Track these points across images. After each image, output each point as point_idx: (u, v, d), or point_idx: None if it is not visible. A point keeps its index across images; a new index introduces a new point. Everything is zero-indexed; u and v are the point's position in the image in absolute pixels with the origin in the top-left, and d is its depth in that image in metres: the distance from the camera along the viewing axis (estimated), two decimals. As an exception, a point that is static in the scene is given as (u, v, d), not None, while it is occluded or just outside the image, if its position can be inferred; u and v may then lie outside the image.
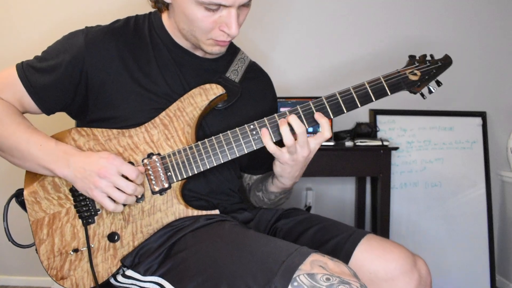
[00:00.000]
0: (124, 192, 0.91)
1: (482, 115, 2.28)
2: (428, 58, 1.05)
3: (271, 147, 0.96)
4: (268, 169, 1.17)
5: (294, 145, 0.95)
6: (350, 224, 2.30)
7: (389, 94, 0.99)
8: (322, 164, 1.95)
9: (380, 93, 0.99)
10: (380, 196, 2.02)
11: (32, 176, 1.00)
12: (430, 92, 1.05)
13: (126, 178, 0.91)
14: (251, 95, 1.15)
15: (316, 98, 1.00)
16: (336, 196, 2.33)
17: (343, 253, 0.97)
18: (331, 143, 1.97)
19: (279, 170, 1.02)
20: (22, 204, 1.01)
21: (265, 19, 2.23)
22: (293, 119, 0.95)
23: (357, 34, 2.26)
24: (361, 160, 2.02)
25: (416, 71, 1.02)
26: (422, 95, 1.05)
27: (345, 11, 2.26)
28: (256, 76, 1.21)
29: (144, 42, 1.05)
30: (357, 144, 1.99)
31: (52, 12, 2.16)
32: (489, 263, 2.21)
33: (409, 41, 2.31)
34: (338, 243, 0.98)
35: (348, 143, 1.99)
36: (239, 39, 1.18)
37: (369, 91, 0.98)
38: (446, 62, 1.05)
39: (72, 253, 0.96)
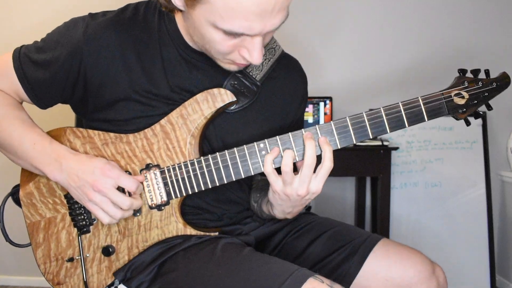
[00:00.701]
0: (120, 208, 0.85)
1: (482, 115, 2.27)
2: (482, 75, 0.87)
3: (268, 169, 0.83)
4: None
5: (290, 174, 0.81)
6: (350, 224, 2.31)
7: (426, 120, 0.84)
8: (322, 164, 1.94)
9: (414, 119, 0.83)
10: (380, 196, 2.02)
11: (28, 175, 0.96)
12: (477, 117, 0.86)
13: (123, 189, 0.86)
14: (274, 97, 1.00)
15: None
16: (336, 196, 2.32)
17: (356, 258, 0.92)
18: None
19: (270, 196, 0.90)
20: (18, 202, 0.97)
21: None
22: (309, 145, 0.80)
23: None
24: (361, 160, 2.02)
25: (463, 93, 0.85)
26: (467, 121, 0.87)
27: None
28: (286, 72, 1.03)
29: (152, 38, 0.92)
30: (357, 144, 1.98)
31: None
32: (489, 263, 2.20)
33: (412, 44, 2.30)
34: (352, 249, 0.93)
35: (348, 143, 1.99)
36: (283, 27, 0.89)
37: (403, 115, 0.83)
38: (502, 83, 0.85)
39: (67, 261, 0.94)
